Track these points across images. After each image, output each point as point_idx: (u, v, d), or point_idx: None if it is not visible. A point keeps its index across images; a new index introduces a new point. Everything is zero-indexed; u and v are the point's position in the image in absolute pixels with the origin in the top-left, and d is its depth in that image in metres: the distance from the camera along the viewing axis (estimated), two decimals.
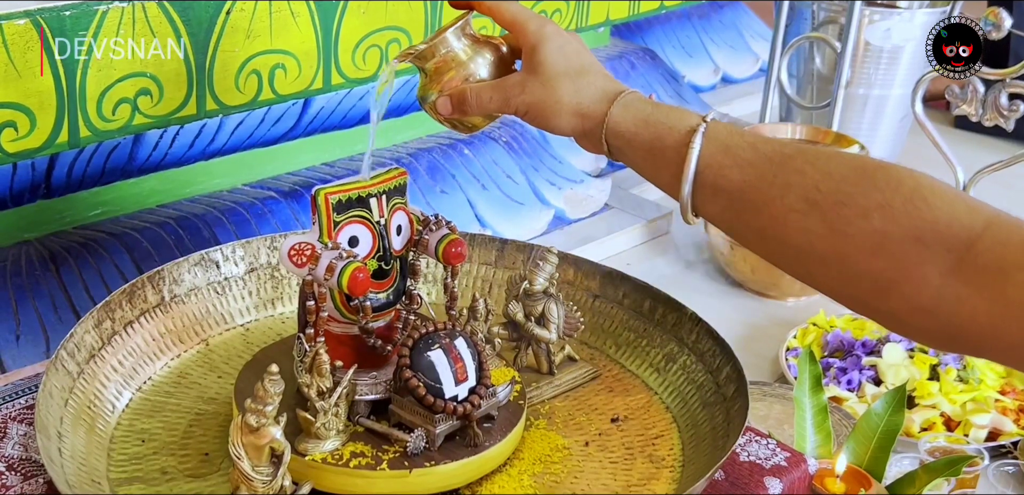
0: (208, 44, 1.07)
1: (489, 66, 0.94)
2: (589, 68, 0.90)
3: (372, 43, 1.21)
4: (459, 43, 0.94)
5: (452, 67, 0.94)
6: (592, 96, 0.88)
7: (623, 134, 0.87)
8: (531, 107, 0.91)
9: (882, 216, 0.74)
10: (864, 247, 0.75)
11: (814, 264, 0.78)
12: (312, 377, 0.90)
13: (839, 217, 0.76)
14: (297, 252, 0.91)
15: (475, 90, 0.93)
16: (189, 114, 1.09)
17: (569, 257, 1.19)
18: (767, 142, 0.81)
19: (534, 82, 0.90)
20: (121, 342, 1.03)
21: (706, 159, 0.82)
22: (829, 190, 0.76)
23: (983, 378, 1.38)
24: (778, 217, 0.78)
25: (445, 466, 0.90)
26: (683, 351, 1.08)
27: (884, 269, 0.74)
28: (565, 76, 0.89)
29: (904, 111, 1.82)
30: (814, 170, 0.77)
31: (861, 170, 0.77)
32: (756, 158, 0.80)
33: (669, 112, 0.86)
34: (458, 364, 0.92)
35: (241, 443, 0.83)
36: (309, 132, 1.43)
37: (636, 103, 0.87)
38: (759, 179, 0.80)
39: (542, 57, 0.90)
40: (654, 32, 2.22)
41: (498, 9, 0.94)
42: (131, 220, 1.35)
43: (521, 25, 0.92)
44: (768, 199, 0.79)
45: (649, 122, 0.85)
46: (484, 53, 0.95)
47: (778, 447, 1.01)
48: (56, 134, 1.01)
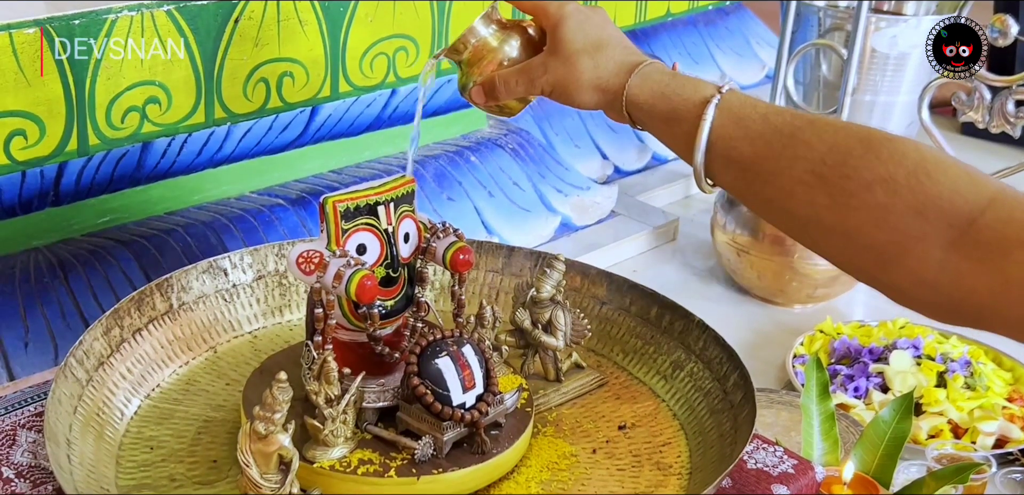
0: (216, 52, 1.08)
1: (519, 49, 0.97)
2: (608, 41, 0.91)
3: (379, 51, 1.22)
4: (487, 31, 0.97)
5: (484, 56, 0.97)
6: (611, 70, 0.90)
7: (642, 106, 0.88)
8: (555, 86, 0.93)
9: (885, 189, 0.75)
10: (867, 220, 0.76)
11: (820, 235, 0.80)
12: (320, 384, 0.90)
13: (843, 190, 0.77)
14: (305, 260, 0.91)
15: (503, 77, 0.95)
16: (197, 122, 1.09)
17: (576, 264, 1.19)
18: (779, 113, 0.83)
19: (555, 61, 0.92)
20: (130, 349, 1.04)
21: (718, 130, 0.83)
22: (835, 163, 0.77)
23: (991, 385, 1.37)
24: (786, 188, 0.80)
25: (453, 473, 0.90)
26: (690, 358, 1.08)
27: (887, 242, 0.75)
28: (584, 52, 0.91)
29: (911, 118, 1.81)
30: (821, 143, 0.79)
31: (867, 142, 0.77)
32: (766, 130, 0.82)
33: (685, 83, 0.87)
34: (466, 371, 0.92)
35: (249, 450, 0.83)
36: (317, 139, 1.43)
37: (654, 74, 0.89)
38: (768, 150, 0.81)
39: (562, 35, 0.92)
40: (660, 39, 2.22)
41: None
42: (139, 227, 1.36)
43: (542, 9, 0.95)
44: (777, 170, 0.80)
45: (666, 94, 0.87)
46: (512, 37, 0.97)
47: (785, 454, 1.01)
48: (65, 142, 1.01)
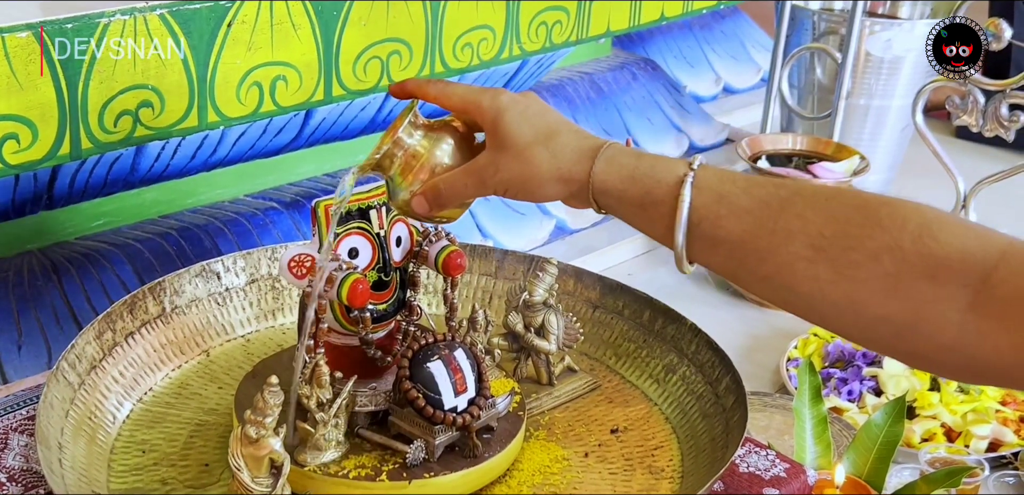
0: (209, 56, 1.08)
1: (452, 152, 0.90)
2: (557, 128, 0.86)
3: (373, 55, 1.22)
4: (414, 138, 0.89)
5: (414, 165, 0.89)
6: (570, 157, 0.85)
7: (611, 192, 0.84)
8: (509, 184, 0.86)
9: (892, 258, 0.72)
10: (877, 291, 0.73)
11: (827, 310, 0.77)
12: (312, 388, 0.90)
13: (848, 262, 0.74)
14: (297, 264, 0.92)
15: (448, 181, 0.88)
16: (190, 126, 1.09)
17: (569, 268, 1.19)
18: (761, 185, 0.79)
19: (505, 158, 0.86)
20: (122, 353, 1.04)
21: (700, 210, 0.79)
22: (834, 235, 0.74)
23: (984, 389, 1.37)
24: (784, 265, 0.76)
25: (444, 477, 0.90)
26: (683, 362, 1.09)
27: (899, 311, 0.73)
28: (535, 143, 0.85)
29: (905, 121, 1.82)
30: (816, 214, 0.76)
31: (864, 209, 0.75)
32: (753, 204, 0.78)
33: (655, 163, 0.83)
34: (457, 375, 0.92)
35: (241, 454, 0.83)
36: (310, 143, 1.43)
37: (618, 156, 0.84)
38: (759, 227, 0.77)
39: (506, 130, 0.86)
40: (656, 42, 2.23)
41: (445, 96, 0.90)
42: (133, 231, 1.36)
43: (475, 105, 0.88)
44: (771, 247, 0.77)
45: (636, 177, 0.82)
46: (443, 140, 0.90)
47: (777, 458, 1.01)
48: (58, 146, 1.01)
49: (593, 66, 2.02)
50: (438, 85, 0.91)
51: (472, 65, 1.33)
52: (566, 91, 1.91)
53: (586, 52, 2.02)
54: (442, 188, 0.88)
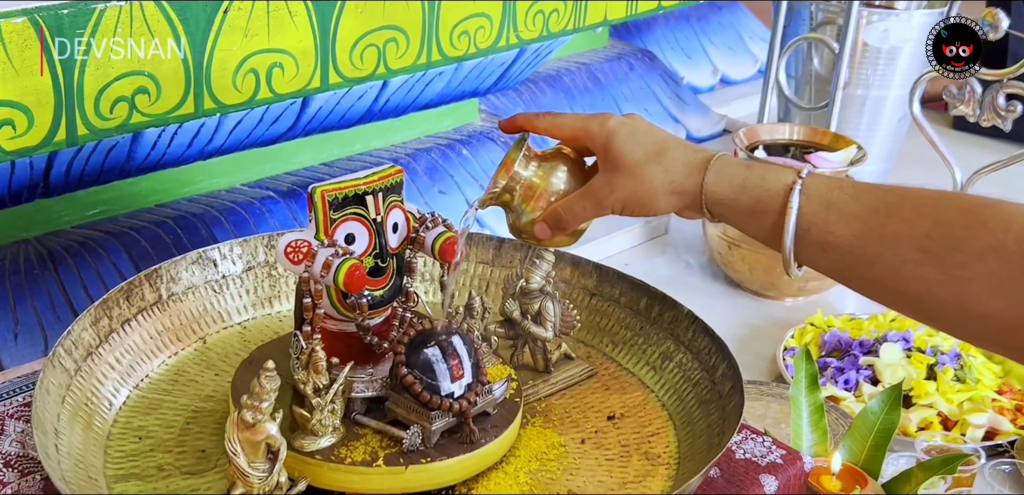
0: (206, 43, 1.08)
1: (566, 178, 0.96)
2: (666, 143, 0.91)
3: (370, 42, 1.21)
4: (529, 170, 0.96)
5: (532, 195, 0.96)
6: (681, 172, 0.90)
7: (722, 202, 0.88)
8: (626, 202, 0.92)
9: (997, 258, 0.75)
10: (983, 290, 0.76)
11: (936, 309, 0.79)
12: (308, 374, 0.90)
13: (954, 263, 0.76)
14: (293, 249, 0.91)
15: (567, 206, 0.94)
16: (187, 113, 1.09)
17: (566, 255, 1.19)
18: (869, 191, 0.83)
19: (619, 178, 0.91)
20: (119, 340, 1.03)
21: (810, 217, 0.84)
22: (941, 238, 0.77)
23: (980, 378, 1.38)
24: (892, 268, 0.80)
25: (441, 463, 0.90)
26: (679, 349, 1.09)
27: (1006, 309, 0.75)
28: (647, 162, 0.90)
29: (902, 112, 1.82)
30: (922, 218, 0.79)
31: (968, 212, 0.77)
32: (861, 210, 0.81)
33: (764, 172, 0.87)
34: (454, 361, 0.92)
35: (237, 439, 0.83)
36: (307, 132, 1.43)
37: (728, 167, 0.88)
38: (867, 232, 0.81)
39: (618, 151, 0.91)
40: (653, 33, 2.23)
41: (556, 128, 0.96)
42: (129, 219, 1.36)
43: (585, 133, 0.94)
44: (879, 251, 0.80)
45: (746, 186, 0.87)
46: (558, 168, 0.96)
47: (774, 445, 1.01)
48: (54, 132, 1.01)
49: (590, 57, 2.02)
50: (547, 118, 0.97)
51: (469, 53, 1.33)
52: (563, 82, 1.92)
53: (583, 43, 2.02)
54: (562, 213, 0.94)
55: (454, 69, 1.47)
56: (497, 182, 0.96)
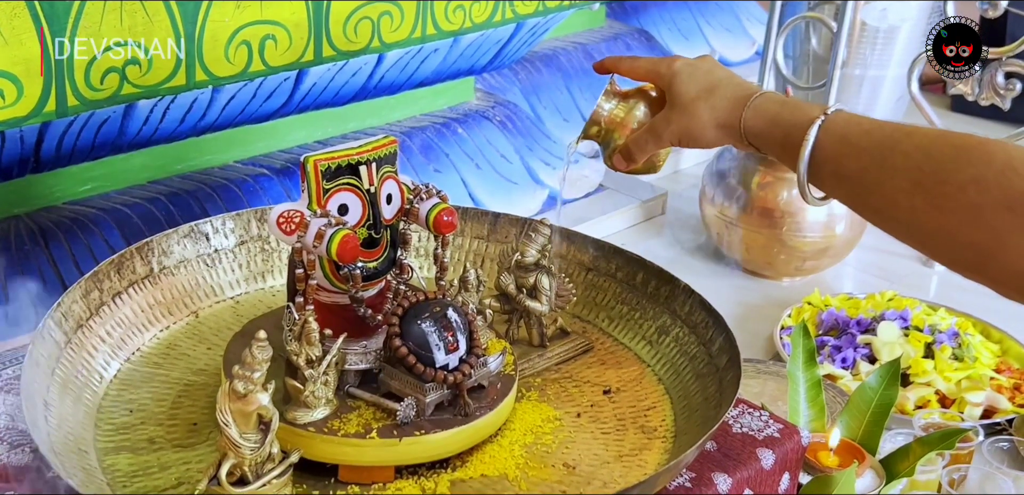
0: (197, 13, 1.06)
1: (645, 112, 1.06)
2: (719, 82, 1.00)
3: (363, 15, 1.20)
4: (610, 105, 1.06)
5: (615, 128, 1.06)
6: (726, 107, 0.98)
7: (759, 134, 0.96)
8: (681, 135, 1.01)
9: (977, 189, 0.80)
10: (963, 220, 0.81)
11: (924, 237, 0.86)
12: (301, 345, 0.89)
13: (940, 193, 0.82)
14: (286, 219, 0.90)
15: (634, 140, 1.05)
16: (178, 84, 1.08)
17: (562, 230, 1.18)
18: (881, 128, 0.88)
19: (675, 113, 1.01)
20: (109, 313, 1.02)
21: (826, 150, 0.90)
22: (930, 170, 0.83)
23: (978, 356, 1.37)
24: (889, 197, 0.86)
25: (435, 435, 0.89)
26: (676, 323, 1.08)
27: (982, 239, 0.80)
28: (698, 99, 1.00)
29: (900, 91, 1.81)
30: (918, 152, 0.84)
31: (958, 147, 0.82)
32: (870, 145, 0.88)
33: (795, 108, 0.94)
34: (449, 334, 0.91)
35: (229, 410, 0.82)
36: (301, 108, 1.41)
37: (764, 104, 0.96)
38: (872, 164, 0.87)
39: (677, 89, 1.01)
40: (650, 14, 2.21)
41: (632, 69, 1.07)
42: (121, 196, 1.34)
43: (654, 73, 1.05)
44: (880, 181, 0.87)
45: (777, 121, 0.95)
46: (637, 105, 1.06)
47: (771, 419, 1.00)
48: (44, 103, 1.00)
49: (587, 36, 2.01)
50: (627, 61, 1.08)
51: (464, 28, 1.32)
52: (560, 61, 1.90)
53: (580, 22, 2.01)
54: (631, 146, 1.05)
55: (450, 46, 1.46)
56: (592, 117, 1.06)
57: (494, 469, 0.91)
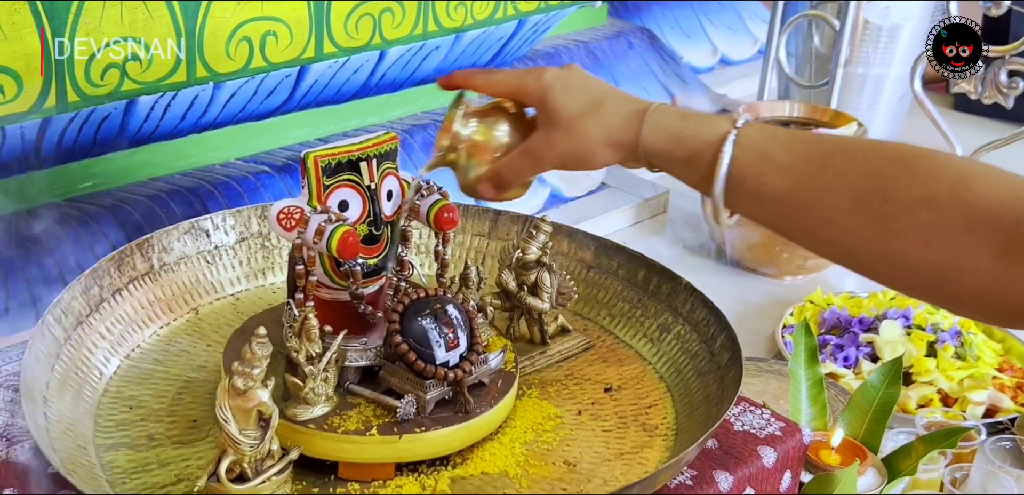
0: (198, 9, 1.06)
1: (508, 131, 0.95)
2: (603, 96, 0.90)
3: (365, 12, 1.20)
4: (470, 127, 0.95)
5: (475, 152, 0.95)
6: (618, 123, 0.89)
7: (660, 153, 0.87)
8: (564, 157, 0.91)
9: (928, 209, 0.74)
10: (915, 242, 0.75)
11: (867, 261, 0.79)
12: (301, 342, 0.89)
13: (885, 214, 0.76)
14: (286, 215, 0.90)
15: (507, 165, 0.94)
16: (179, 80, 1.08)
17: (563, 228, 1.18)
18: (803, 141, 0.82)
19: (557, 133, 0.90)
20: (109, 309, 1.02)
21: (744, 167, 0.82)
22: (872, 189, 0.77)
23: (981, 355, 1.37)
24: (825, 218, 0.79)
25: (435, 432, 0.89)
26: (677, 321, 1.07)
27: (937, 260, 0.75)
28: (583, 115, 0.89)
29: (903, 90, 1.81)
30: (855, 168, 0.78)
31: (900, 162, 0.77)
32: (794, 161, 0.81)
33: (699, 123, 0.86)
34: (449, 331, 0.91)
35: (228, 406, 0.82)
36: (302, 105, 1.41)
37: (664, 118, 0.87)
38: (800, 182, 0.80)
39: (554, 106, 0.90)
40: (652, 12, 2.21)
41: (492, 85, 0.96)
42: (122, 193, 1.34)
43: (520, 90, 0.94)
44: (812, 202, 0.80)
45: (681, 137, 0.86)
46: (498, 123, 0.95)
47: (773, 417, 1.00)
48: (44, 99, 1.00)
49: (589, 34, 2.00)
50: (482, 75, 0.97)
51: (466, 25, 1.32)
52: (561, 59, 1.90)
53: (582, 20, 2.00)
54: (503, 172, 0.93)
55: (451, 44, 1.45)
56: (440, 144, 0.94)
57: (495, 466, 0.91)
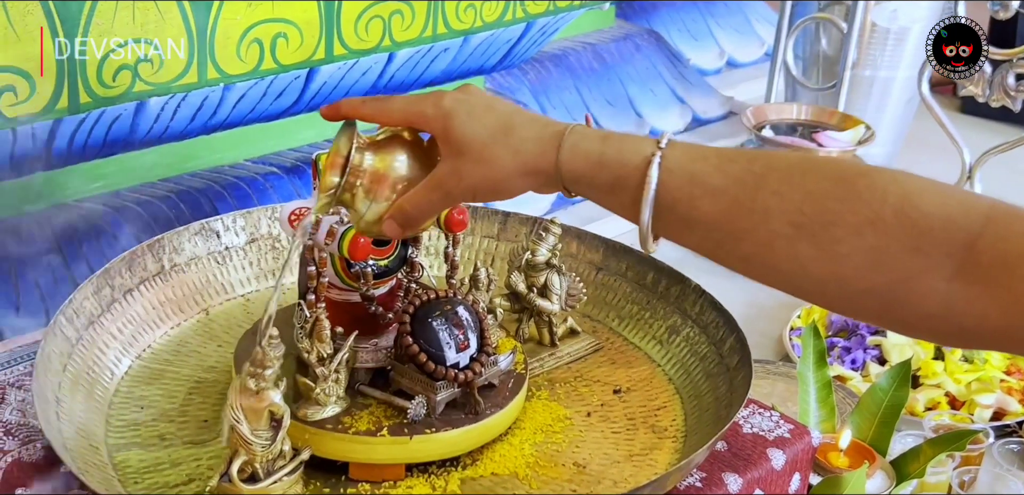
0: (209, 11, 1.07)
1: (407, 162, 0.84)
2: (511, 120, 0.81)
3: (375, 14, 1.20)
4: (366, 160, 0.84)
5: (374, 187, 0.84)
6: (532, 150, 0.80)
7: (580, 179, 0.80)
8: (475, 189, 0.82)
9: (874, 232, 0.70)
10: (861, 266, 0.71)
11: (810, 287, 0.74)
12: (312, 343, 0.89)
13: (829, 238, 0.71)
14: (297, 217, 0.91)
15: (412, 201, 0.83)
16: (190, 82, 1.08)
17: (572, 230, 1.18)
18: (733, 161, 0.76)
19: (466, 164, 0.81)
20: (120, 309, 1.03)
21: (673, 192, 0.76)
22: (813, 212, 0.72)
23: (988, 358, 1.37)
24: (764, 243, 0.73)
25: (445, 433, 0.89)
26: (686, 323, 1.08)
27: (886, 284, 0.71)
28: (492, 143, 0.80)
29: (910, 93, 1.81)
30: (792, 190, 0.73)
31: (841, 182, 0.72)
32: (727, 183, 0.74)
33: (621, 145, 0.79)
34: (459, 332, 0.91)
35: (240, 406, 0.82)
36: (311, 107, 1.42)
37: (583, 142, 0.79)
38: (735, 206, 0.74)
39: (459, 135, 0.81)
40: (660, 14, 2.21)
41: (385, 114, 0.86)
42: (132, 193, 1.34)
43: (418, 116, 0.84)
44: (749, 227, 0.74)
45: (603, 161, 0.78)
46: (396, 153, 0.85)
47: (782, 419, 1.00)
48: (56, 99, 1.00)
49: (596, 37, 2.01)
50: (372, 103, 0.88)
51: (475, 27, 1.32)
52: (569, 61, 1.90)
53: (590, 23, 2.01)
54: (409, 209, 0.84)
55: (460, 46, 1.46)
56: (327, 183, 0.83)
57: (504, 468, 0.91)
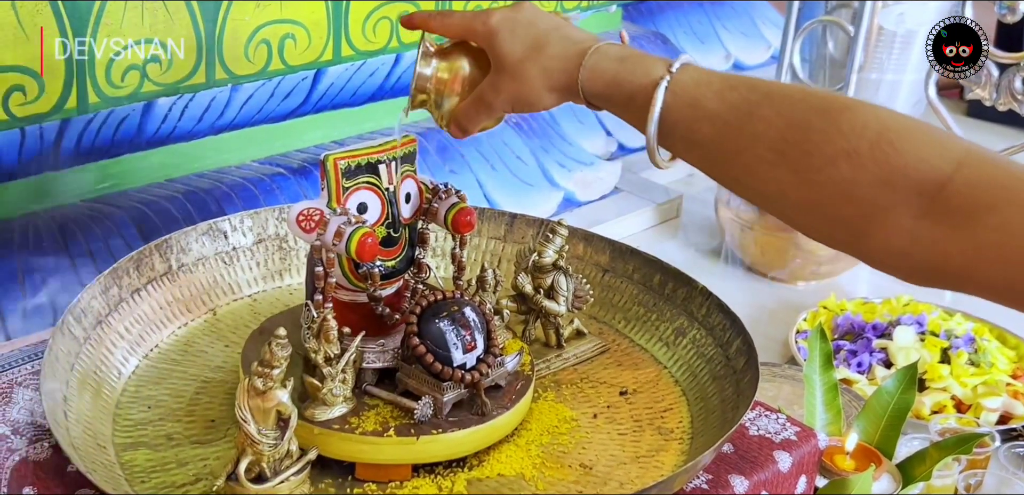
0: (218, 12, 1.07)
1: (469, 66, 0.95)
2: (546, 38, 0.89)
3: (382, 15, 1.21)
4: (431, 68, 0.96)
5: (444, 88, 0.95)
6: (558, 67, 0.88)
7: (599, 96, 0.88)
8: (512, 101, 0.91)
9: (849, 163, 0.74)
10: (834, 194, 0.75)
11: (789, 210, 0.80)
12: (319, 343, 0.90)
13: (808, 166, 0.76)
14: (305, 217, 0.91)
15: (463, 111, 0.94)
16: (198, 83, 1.09)
17: (579, 232, 1.18)
18: (734, 88, 0.81)
19: (502, 78, 0.91)
20: (128, 309, 1.03)
21: (676, 113, 0.83)
22: (795, 140, 0.77)
23: (995, 362, 1.37)
24: (750, 166, 0.79)
25: (452, 434, 0.89)
26: (693, 325, 1.08)
27: (856, 215, 0.75)
28: (526, 60, 0.89)
29: (917, 96, 1.80)
30: (779, 118, 0.78)
31: (825, 114, 0.76)
32: (723, 109, 0.81)
33: (635, 66, 0.85)
34: (466, 333, 0.91)
35: (247, 406, 0.82)
36: (319, 108, 1.42)
37: (602, 62, 0.87)
38: (727, 129, 0.80)
39: (500, 51, 0.90)
40: (666, 16, 2.21)
41: (446, 27, 0.95)
42: (139, 194, 1.35)
43: (470, 32, 0.93)
44: (739, 149, 0.80)
45: (618, 80, 0.86)
46: (459, 60, 0.96)
47: (788, 422, 1.00)
48: (65, 99, 1.01)
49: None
50: (438, 16, 0.96)
51: None
52: None
53: (596, 25, 2.01)
54: (461, 117, 0.94)
55: None
56: (412, 89, 0.96)
57: (511, 468, 0.91)
